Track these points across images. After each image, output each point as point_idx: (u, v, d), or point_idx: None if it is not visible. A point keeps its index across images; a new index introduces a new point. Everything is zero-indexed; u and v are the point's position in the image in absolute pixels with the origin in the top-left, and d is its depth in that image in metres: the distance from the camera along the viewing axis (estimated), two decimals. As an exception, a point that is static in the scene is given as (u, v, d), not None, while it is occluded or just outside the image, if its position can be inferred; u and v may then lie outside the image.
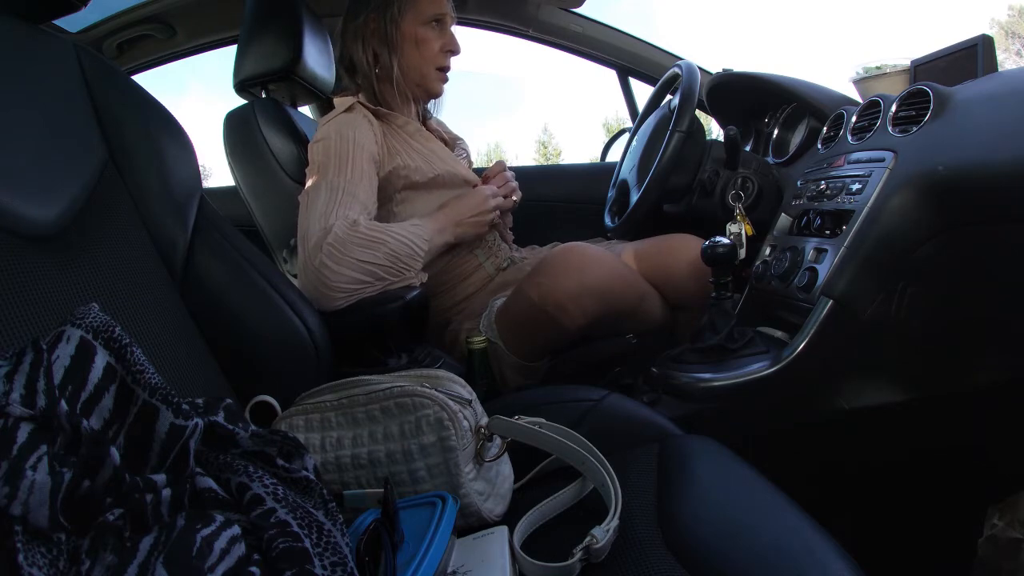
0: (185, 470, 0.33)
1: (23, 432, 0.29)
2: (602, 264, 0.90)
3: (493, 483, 0.52)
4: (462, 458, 0.49)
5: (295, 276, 1.05)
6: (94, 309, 0.36)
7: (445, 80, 1.07)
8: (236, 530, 0.30)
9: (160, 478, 0.31)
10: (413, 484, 0.49)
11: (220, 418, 0.34)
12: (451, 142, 1.18)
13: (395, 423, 0.50)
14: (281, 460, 0.34)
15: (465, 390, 0.54)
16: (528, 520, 0.47)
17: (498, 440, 0.52)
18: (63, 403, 0.31)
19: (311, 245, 0.81)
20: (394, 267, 0.82)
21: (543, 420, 0.53)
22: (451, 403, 0.50)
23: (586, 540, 0.41)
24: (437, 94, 1.08)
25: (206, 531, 0.29)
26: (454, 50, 1.04)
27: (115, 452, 0.30)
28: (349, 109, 0.97)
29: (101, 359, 0.34)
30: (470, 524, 0.50)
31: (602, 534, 0.42)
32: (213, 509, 0.31)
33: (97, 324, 0.35)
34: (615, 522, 0.43)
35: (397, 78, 1.01)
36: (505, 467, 0.55)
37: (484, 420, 0.53)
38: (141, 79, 1.64)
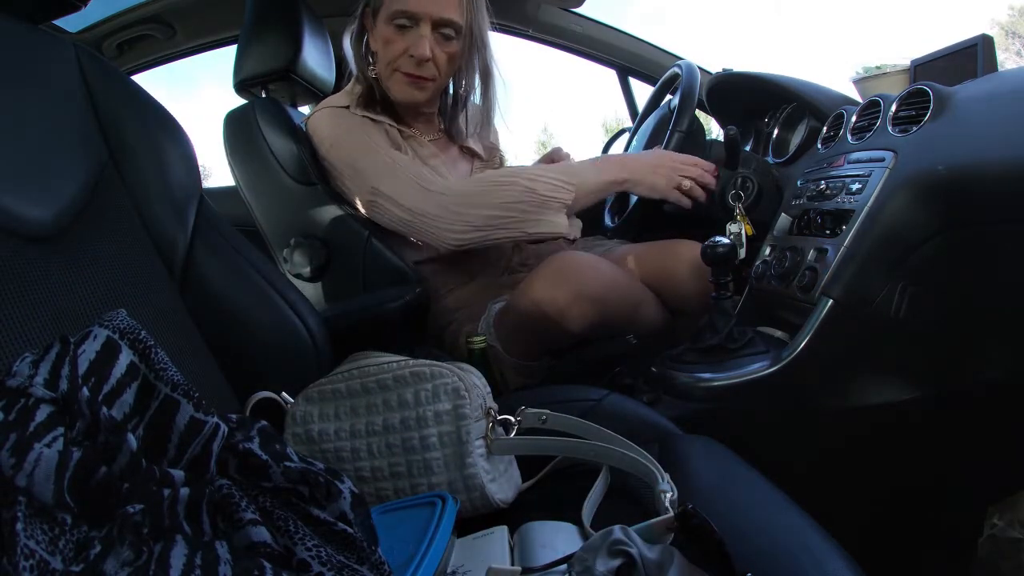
0: (205, 474, 0.33)
1: (42, 412, 0.29)
2: (597, 272, 0.88)
3: (499, 467, 0.52)
4: (474, 429, 0.50)
5: (296, 276, 1.05)
6: (121, 313, 0.37)
7: (412, 83, 0.95)
8: None
9: (179, 474, 0.31)
10: (423, 451, 0.51)
11: (255, 445, 0.34)
12: (489, 152, 1.13)
13: (410, 391, 0.52)
14: (315, 509, 0.33)
15: (476, 376, 0.55)
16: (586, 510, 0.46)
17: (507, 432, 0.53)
18: (85, 390, 0.31)
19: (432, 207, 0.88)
20: (531, 200, 0.87)
21: (548, 412, 0.54)
22: (467, 377, 0.52)
23: (661, 496, 0.42)
24: (398, 99, 0.98)
25: None
26: (415, 55, 0.91)
27: (132, 438, 0.30)
28: (339, 107, 0.96)
29: (125, 357, 0.34)
30: (475, 505, 0.50)
31: (668, 486, 0.42)
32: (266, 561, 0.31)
33: (124, 327, 0.36)
34: (667, 475, 0.44)
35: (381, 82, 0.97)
36: (513, 467, 0.55)
37: (493, 404, 0.54)
38: (149, 75, 1.65)
